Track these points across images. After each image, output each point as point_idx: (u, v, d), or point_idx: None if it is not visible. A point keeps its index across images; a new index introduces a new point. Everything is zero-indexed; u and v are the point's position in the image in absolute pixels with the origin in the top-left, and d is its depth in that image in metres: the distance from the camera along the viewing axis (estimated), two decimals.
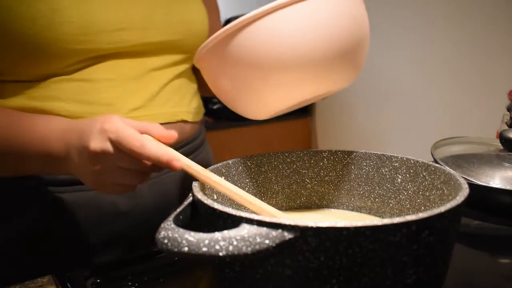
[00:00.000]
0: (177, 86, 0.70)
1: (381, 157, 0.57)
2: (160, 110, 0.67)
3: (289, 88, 0.49)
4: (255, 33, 0.46)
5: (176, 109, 0.69)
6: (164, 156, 0.47)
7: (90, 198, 0.62)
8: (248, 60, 0.47)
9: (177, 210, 0.41)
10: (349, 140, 2.07)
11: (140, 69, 0.64)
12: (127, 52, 0.62)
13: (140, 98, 0.64)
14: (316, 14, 0.46)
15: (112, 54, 0.61)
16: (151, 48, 0.64)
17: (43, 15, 0.55)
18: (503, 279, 0.51)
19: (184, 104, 0.71)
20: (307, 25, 0.46)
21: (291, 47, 0.46)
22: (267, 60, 0.47)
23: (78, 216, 0.62)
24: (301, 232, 0.34)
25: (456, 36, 1.54)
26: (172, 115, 0.68)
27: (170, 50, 0.67)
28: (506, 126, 0.94)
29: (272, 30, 0.46)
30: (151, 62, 0.65)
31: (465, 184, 0.43)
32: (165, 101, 0.67)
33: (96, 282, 0.50)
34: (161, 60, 0.66)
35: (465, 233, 0.61)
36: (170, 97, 0.68)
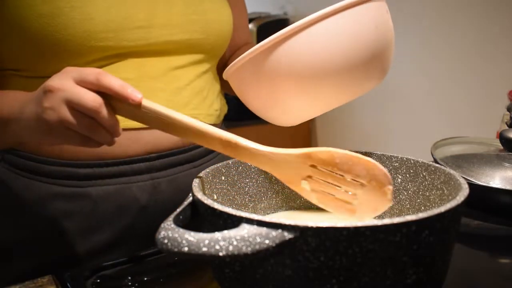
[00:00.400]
0: (198, 88, 0.70)
1: (381, 157, 0.57)
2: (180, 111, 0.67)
3: (324, 97, 0.51)
4: (290, 48, 0.48)
5: (196, 111, 0.69)
6: (125, 86, 0.45)
7: (111, 192, 0.63)
8: (285, 74, 0.49)
9: (177, 210, 0.41)
10: (349, 140, 2.07)
11: (160, 68, 0.64)
12: (147, 51, 0.62)
13: (160, 98, 0.64)
14: (347, 26, 0.48)
15: (132, 52, 0.61)
16: (172, 46, 0.64)
17: (63, 12, 0.55)
18: (503, 279, 0.51)
19: (205, 106, 0.71)
20: (338, 38, 0.48)
21: (325, 59, 0.48)
22: (303, 73, 0.49)
23: (99, 209, 0.63)
24: (301, 232, 0.34)
25: (456, 36, 1.54)
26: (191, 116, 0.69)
27: (191, 49, 0.67)
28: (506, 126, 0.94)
29: (307, 44, 0.48)
30: (172, 61, 0.65)
31: (465, 184, 0.43)
32: (185, 103, 0.67)
33: (96, 282, 0.50)
34: (182, 59, 0.66)
35: (465, 233, 0.61)
36: (191, 99, 0.68)
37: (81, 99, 0.44)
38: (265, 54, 0.49)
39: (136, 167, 0.65)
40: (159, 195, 0.66)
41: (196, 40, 0.66)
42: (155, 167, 0.66)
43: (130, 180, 0.65)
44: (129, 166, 0.64)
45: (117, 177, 0.64)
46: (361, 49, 0.49)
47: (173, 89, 0.66)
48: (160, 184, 0.66)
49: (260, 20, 2.14)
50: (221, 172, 0.54)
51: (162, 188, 0.67)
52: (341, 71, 0.49)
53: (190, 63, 0.68)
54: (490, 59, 1.44)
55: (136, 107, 0.45)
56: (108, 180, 0.64)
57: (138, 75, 0.62)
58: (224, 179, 0.54)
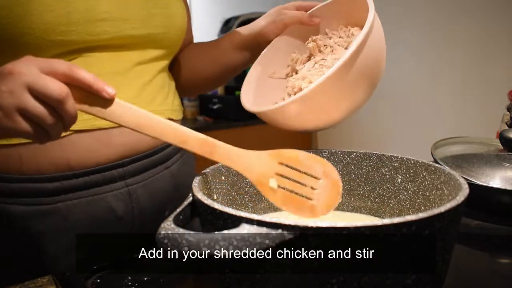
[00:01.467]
0: (160, 83, 0.69)
1: (381, 157, 0.57)
2: (146, 109, 0.62)
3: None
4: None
5: (162, 107, 0.67)
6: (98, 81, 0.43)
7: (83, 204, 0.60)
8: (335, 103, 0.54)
9: (177, 210, 0.41)
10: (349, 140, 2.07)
11: (123, 63, 0.62)
12: (109, 45, 0.60)
13: (126, 95, 0.61)
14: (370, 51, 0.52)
15: (94, 46, 0.58)
16: (133, 41, 0.62)
17: (20, 2, 0.52)
18: (503, 279, 0.51)
19: (169, 102, 0.70)
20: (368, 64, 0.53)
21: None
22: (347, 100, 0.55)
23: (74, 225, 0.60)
24: (301, 232, 0.34)
25: (456, 36, 1.54)
26: (159, 114, 0.65)
27: (151, 44, 0.65)
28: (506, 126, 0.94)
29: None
30: (134, 56, 0.63)
31: (465, 184, 0.43)
32: (151, 99, 0.66)
33: (96, 282, 0.50)
34: (144, 54, 0.65)
35: (465, 233, 0.61)
36: (155, 94, 0.67)
37: (47, 86, 0.41)
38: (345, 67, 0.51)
39: (108, 175, 0.61)
40: (135, 202, 0.64)
41: (157, 34, 0.65)
42: (129, 173, 0.63)
43: (104, 190, 0.61)
44: (100, 175, 0.60)
45: (89, 188, 0.60)
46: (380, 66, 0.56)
47: (138, 85, 0.64)
48: (136, 190, 0.64)
49: None
50: (221, 172, 0.54)
51: (138, 194, 0.64)
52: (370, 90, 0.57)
53: (151, 58, 0.66)
54: (490, 59, 1.44)
55: (108, 102, 0.44)
56: (79, 192, 0.59)
57: (102, 71, 0.60)
58: (224, 179, 0.54)
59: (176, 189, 0.71)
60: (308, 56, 0.66)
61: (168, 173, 0.70)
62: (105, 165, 0.61)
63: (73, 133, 0.58)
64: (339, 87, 0.52)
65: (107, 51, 0.60)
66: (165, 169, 0.69)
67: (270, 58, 0.69)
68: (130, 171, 0.63)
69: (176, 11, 0.69)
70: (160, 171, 0.68)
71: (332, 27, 0.66)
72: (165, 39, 0.67)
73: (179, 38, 0.71)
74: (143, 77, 0.65)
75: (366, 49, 0.51)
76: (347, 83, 0.51)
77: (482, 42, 1.46)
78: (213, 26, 2.36)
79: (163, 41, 0.67)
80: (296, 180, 0.48)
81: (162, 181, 0.68)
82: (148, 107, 0.65)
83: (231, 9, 2.55)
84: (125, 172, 0.63)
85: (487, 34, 1.44)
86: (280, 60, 0.69)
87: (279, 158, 0.48)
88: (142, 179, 0.65)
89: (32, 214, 0.58)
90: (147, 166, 0.65)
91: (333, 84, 0.50)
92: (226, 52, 0.79)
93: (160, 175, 0.68)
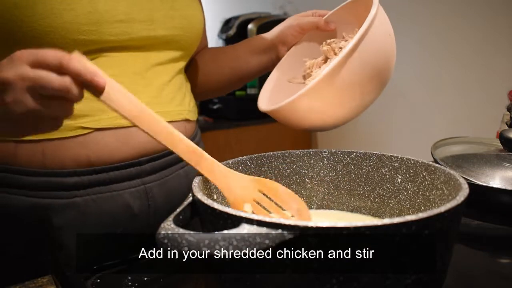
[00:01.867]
0: (178, 84, 0.70)
1: (381, 157, 0.57)
2: (165, 109, 0.66)
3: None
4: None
5: (180, 107, 0.69)
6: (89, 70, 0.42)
7: (102, 200, 0.61)
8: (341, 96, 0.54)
9: (177, 210, 0.41)
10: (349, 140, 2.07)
11: (144, 64, 0.64)
12: (130, 46, 0.61)
13: (145, 95, 0.63)
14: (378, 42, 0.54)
15: (114, 47, 0.60)
16: (152, 42, 0.64)
17: (43, 1, 0.54)
18: (503, 279, 0.51)
19: (186, 102, 0.71)
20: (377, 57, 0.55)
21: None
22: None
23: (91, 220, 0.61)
24: (301, 232, 0.34)
25: (456, 36, 1.54)
26: (177, 114, 0.68)
27: (170, 45, 0.67)
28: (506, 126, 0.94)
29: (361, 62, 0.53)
30: (154, 57, 0.65)
31: (465, 184, 0.43)
32: (170, 100, 0.67)
33: (96, 282, 0.50)
34: (162, 55, 0.66)
35: (465, 233, 0.61)
36: (174, 95, 0.68)
37: (46, 83, 0.41)
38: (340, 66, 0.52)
39: (126, 173, 0.63)
40: (152, 200, 0.65)
41: (175, 36, 0.66)
42: (146, 171, 0.65)
43: (121, 187, 0.63)
44: (119, 172, 0.62)
45: (108, 184, 0.62)
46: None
47: (157, 85, 0.65)
48: (152, 189, 0.65)
49: (260, 20, 2.14)
50: None
51: (154, 193, 0.66)
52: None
53: (169, 60, 0.67)
54: (490, 59, 1.44)
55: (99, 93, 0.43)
56: (98, 188, 0.61)
57: (121, 71, 0.61)
58: None
59: (185, 182, 0.72)
60: (324, 59, 0.66)
61: (183, 173, 0.71)
62: (123, 162, 0.62)
63: (94, 130, 0.60)
64: (345, 78, 0.52)
65: (126, 51, 0.61)
66: (180, 169, 0.70)
67: (289, 64, 0.71)
68: (147, 170, 0.65)
69: (194, 13, 0.70)
70: (175, 170, 0.69)
71: (348, 31, 0.67)
72: (183, 40, 0.68)
73: (196, 40, 0.72)
74: (161, 77, 0.66)
75: (369, 40, 0.52)
76: (353, 74, 0.52)
77: (482, 42, 1.46)
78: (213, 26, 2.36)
79: (180, 42, 0.68)
80: (269, 211, 0.50)
81: (177, 180, 0.70)
82: (167, 107, 0.66)
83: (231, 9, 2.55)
84: (142, 171, 0.64)
85: (487, 34, 1.44)
86: (299, 66, 0.70)
87: (259, 186, 0.50)
88: (159, 178, 0.66)
89: (53, 207, 0.59)
90: (163, 165, 0.67)
91: (338, 73, 0.51)
92: (242, 57, 0.81)
93: (175, 174, 0.69)
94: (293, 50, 0.72)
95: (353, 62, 0.51)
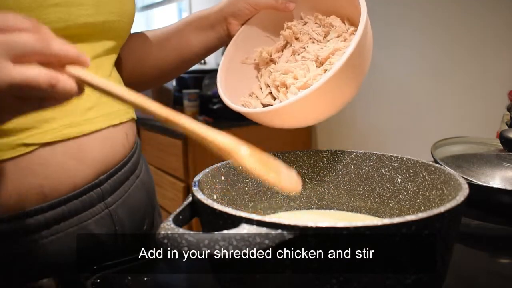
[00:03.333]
0: (117, 79, 0.63)
1: (381, 157, 0.57)
2: (112, 109, 0.59)
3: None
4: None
5: (125, 105, 0.60)
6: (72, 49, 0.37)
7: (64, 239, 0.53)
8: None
9: (177, 210, 0.41)
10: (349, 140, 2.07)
11: None
12: (65, 36, 0.50)
13: (90, 94, 0.53)
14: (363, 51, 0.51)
15: None
16: (88, 31, 0.55)
17: None
18: (503, 279, 0.51)
19: None
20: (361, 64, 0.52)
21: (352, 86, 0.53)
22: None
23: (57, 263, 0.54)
24: (300, 232, 0.33)
25: (456, 36, 1.54)
26: (124, 113, 0.61)
27: (104, 34, 0.58)
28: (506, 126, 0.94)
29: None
30: (90, 50, 0.56)
31: (465, 184, 0.43)
32: None
33: (96, 282, 0.50)
34: (98, 46, 0.58)
35: (465, 233, 0.61)
36: None
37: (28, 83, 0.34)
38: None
39: (87, 199, 0.54)
40: (118, 224, 0.59)
41: (112, 22, 0.58)
42: (107, 192, 0.57)
43: (84, 217, 0.55)
44: (79, 201, 0.53)
45: (69, 219, 0.53)
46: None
47: None
48: (116, 211, 0.59)
49: None
50: (221, 172, 0.54)
51: (119, 215, 0.59)
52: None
53: (104, 51, 0.59)
54: (490, 59, 1.44)
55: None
56: (57, 226, 0.52)
57: None
58: (224, 179, 0.54)
59: (148, 197, 0.68)
60: (284, 44, 0.63)
61: (140, 183, 0.66)
62: (82, 187, 0.54)
63: (40, 147, 0.50)
64: (338, 86, 0.51)
65: None
66: (137, 179, 0.65)
67: (241, 44, 0.64)
68: (108, 190, 0.58)
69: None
70: (133, 182, 0.64)
71: (305, 10, 0.63)
72: (119, 27, 0.60)
73: (130, 27, 0.64)
74: (101, 72, 0.58)
75: (363, 46, 0.51)
76: (345, 81, 0.51)
77: (482, 42, 1.45)
78: None
79: (116, 30, 0.60)
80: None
81: (137, 193, 0.65)
82: (113, 106, 0.59)
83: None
84: (104, 192, 0.57)
85: (487, 34, 1.43)
86: (253, 46, 0.64)
87: None
88: (120, 196, 0.60)
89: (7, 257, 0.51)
90: (122, 180, 0.61)
91: (333, 84, 0.50)
92: (184, 34, 0.71)
93: (134, 186, 0.64)
94: (243, 28, 0.65)
95: (348, 68, 0.49)
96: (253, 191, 0.58)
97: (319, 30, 0.61)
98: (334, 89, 0.50)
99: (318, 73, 0.55)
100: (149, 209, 0.69)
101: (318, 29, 0.61)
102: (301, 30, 0.62)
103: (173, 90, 2.45)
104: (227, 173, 0.55)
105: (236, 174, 0.56)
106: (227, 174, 0.55)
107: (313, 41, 0.61)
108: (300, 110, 0.51)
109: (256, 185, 0.58)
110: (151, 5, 3.52)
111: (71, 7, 0.52)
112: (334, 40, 0.59)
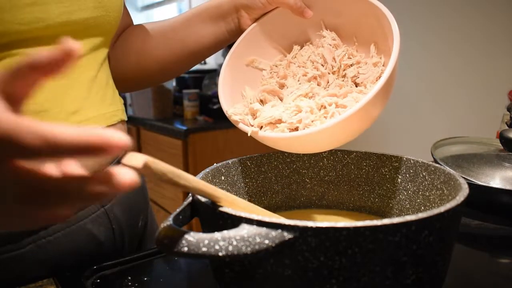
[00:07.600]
0: (105, 78, 0.59)
1: (381, 157, 0.57)
2: (99, 111, 0.56)
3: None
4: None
5: (113, 107, 0.59)
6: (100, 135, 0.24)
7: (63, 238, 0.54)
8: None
9: (177, 210, 0.41)
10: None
11: None
12: (43, 37, 0.48)
13: (74, 96, 0.52)
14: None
15: (27, 40, 0.47)
16: (69, 29, 0.51)
17: None
18: (503, 279, 0.51)
19: (117, 100, 0.61)
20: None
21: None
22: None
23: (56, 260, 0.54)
24: (300, 232, 0.33)
25: (456, 36, 1.54)
26: (112, 116, 0.59)
27: (89, 31, 0.54)
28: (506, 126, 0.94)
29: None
30: None
31: (465, 184, 0.43)
32: (101, 99, 0.56)
33: (96, 282, 0.50)
34: (85, 44, 0.54)
35: (465, 233, 0.61)
36: (104, 92, 0.57)
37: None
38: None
39: None
40: (115, 223, 0.59)
41: (96, 18, 0.54)
42: None
43: (81, 216, 0.55)
44: None
45: None
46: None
47: (85, 83, 0.53)
48: (112, 209, 0.58)
49: None
50: (221, 172, 0.54)
51: (114, 213, 0.59)
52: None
53: (89, 49, 0.55)
54: (490, 59, 1.44)
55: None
56: (54, 226, 0.52)
57: None
58: (224, 179, 0.54)
59: (142, 194, 0.68)
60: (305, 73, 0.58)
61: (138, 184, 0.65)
62: None
63: None
64: (364, 118, 0.49)
65: (41, 45, 0.48)
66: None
67: (250, 43, 0.60)
68: None
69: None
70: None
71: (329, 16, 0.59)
72: (104, 23, 0.56)
73: (118, 21, 0.60)
74: (86, 72, 0.55)
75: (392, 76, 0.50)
76: (371, 112, 0.49)
77: (482, 42, 1.45)
78: None
79: (101, 26, 0.56)
80: None
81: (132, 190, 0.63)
82: (100, 108, 0.57)
83: None
84: None
85: (487, 34, 1.43)
86: (261, 47, 0.61)
87: None
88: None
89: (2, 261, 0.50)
90: None
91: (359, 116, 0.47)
92: (192, 25, 0.66)
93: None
94: (255, 25, 0.60)
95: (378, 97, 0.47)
96: (253, 191, 0.58)
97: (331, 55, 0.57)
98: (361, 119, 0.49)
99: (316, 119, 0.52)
100: (143, 205, 0.69)
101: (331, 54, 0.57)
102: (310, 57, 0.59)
103: (173, 90, 2.45)
104: (227, 173, 0.55)
105: (236, 174, 0.56)
106: (227, 174, 0.55)
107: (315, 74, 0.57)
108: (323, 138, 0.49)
109: (256, 185, 0.58)
110: (151, 5, 3.52)
111: (50, 5, 0.48)
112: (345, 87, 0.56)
